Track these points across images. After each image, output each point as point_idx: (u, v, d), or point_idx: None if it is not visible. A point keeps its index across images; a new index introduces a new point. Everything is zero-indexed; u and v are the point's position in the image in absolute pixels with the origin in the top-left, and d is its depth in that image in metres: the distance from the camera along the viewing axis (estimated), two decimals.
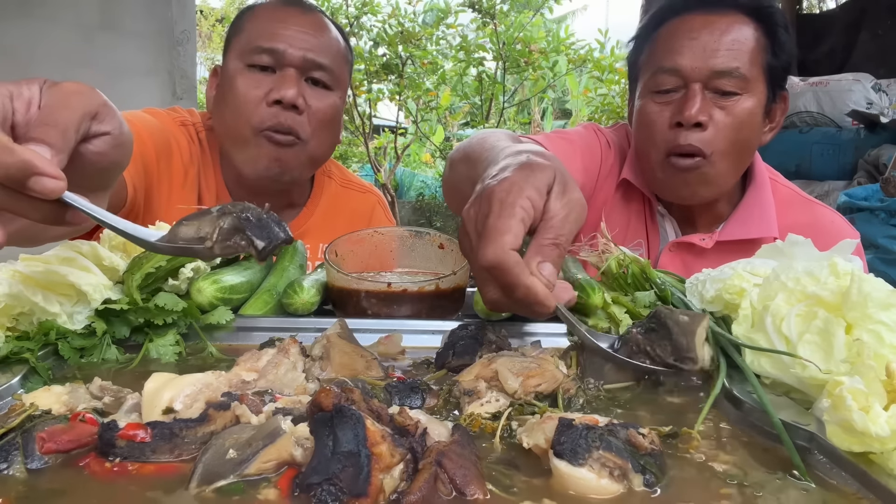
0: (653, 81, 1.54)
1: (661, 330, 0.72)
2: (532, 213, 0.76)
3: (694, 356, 0.68)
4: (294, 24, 1.56)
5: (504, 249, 0.73)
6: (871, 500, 0.59)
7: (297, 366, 0.85)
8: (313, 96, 1.56)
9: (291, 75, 1.53)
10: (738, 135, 1.49)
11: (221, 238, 0.70)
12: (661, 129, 1.51)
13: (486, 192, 0.79)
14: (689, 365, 0.68)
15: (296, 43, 1.54)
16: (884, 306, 0.73)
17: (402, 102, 8.33)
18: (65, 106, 0.70)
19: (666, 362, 0.70)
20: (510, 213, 0.75)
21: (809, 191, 4.66)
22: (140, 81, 4.30)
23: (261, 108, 1.51)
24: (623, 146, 1.75)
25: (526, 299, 0.73)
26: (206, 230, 0.70)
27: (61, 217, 0.70)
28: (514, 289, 0.73)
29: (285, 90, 1.50)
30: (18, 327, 0.92)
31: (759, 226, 1.59)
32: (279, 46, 1.53)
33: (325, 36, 1.60)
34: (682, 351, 0.68)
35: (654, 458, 0.61)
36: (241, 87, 1.52)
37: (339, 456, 0.54)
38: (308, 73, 1.56)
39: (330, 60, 1.58)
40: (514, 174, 0.79)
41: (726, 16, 1.50)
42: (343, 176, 1.91)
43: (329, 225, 1.77)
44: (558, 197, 0.78)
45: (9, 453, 0.60)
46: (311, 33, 1.57)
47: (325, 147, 1.65)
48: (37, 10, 3.84)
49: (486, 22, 7.69)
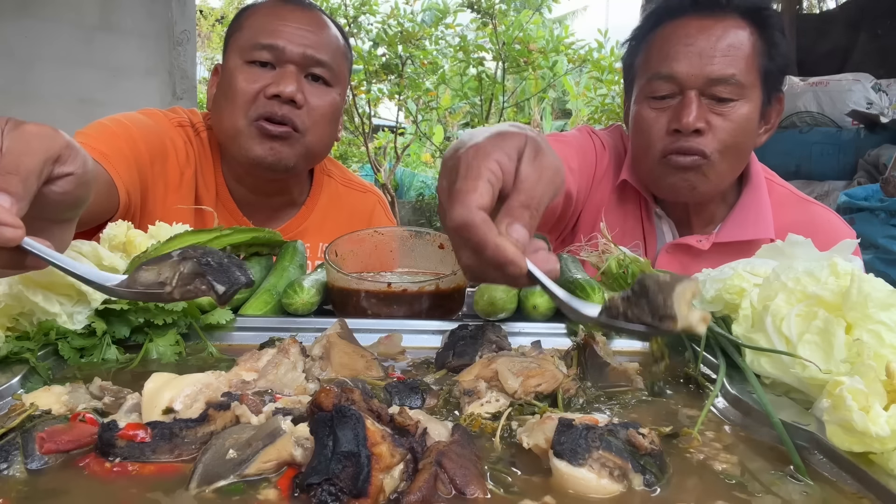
0: (649, 87, 1.53)
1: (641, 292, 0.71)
2: (500, 174, 0.75)
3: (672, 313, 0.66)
4: (294, 21, 1.57)
5: (469, 208, 0.71)
6: (871, 500, 0.59)
7: (297, 366, 0.85)
8: (313, 93, 1.57)
9: (291, 71, 1.54)
10: (735, 139, 1.49)
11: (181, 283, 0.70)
12: (658, 134, 1.51)
13: (455, 158, 0.79)
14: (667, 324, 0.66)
15: (295, 39, 1.55)
16: (884, 306, 0.73)
17: (402, 102, 8.33)
18: (26, 152, 0.69)
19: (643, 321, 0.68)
20: (476, 175, 0.73)
21: (809, 191, 4.67)
22: (140, 81, 4.30)
23: (258, 100, 1.52)
24: (618, 148, 1.75)
25: (495, 258, 0.70)
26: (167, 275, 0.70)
27: (20, 262, 0.70)
28: (483, 248, 0.70)
29: (284, 85, 1.50)
30: (18, 327, 0.92)
31: (755, 227, 1.59)
32: (279, 43, 1.53)
33: (324, 33, 1.61)
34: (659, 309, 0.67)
35: (654, 458, 0.61)
36: (240, 82, 1.53)
37: (339, 456, 0.54)
38: (308, 70, 1.57)
39: (329, 57, 1.59)
40: (484, 141, 0.78)
41: (722, 20, 1.49)
42: (343, 175, 1.91)
43: (328, 224, 1.77)
44: (530, 161, 0.76)
45: (9, 453, 0.60)
46: (310, 30, 1.58)
47: (323, 142, 1.65)
48: (37, 10, 3.84)
49: (486, 22, 7.69)
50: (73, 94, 3.98)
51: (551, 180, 0.77)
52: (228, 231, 1.17)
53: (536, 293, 1.11)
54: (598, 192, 1.70)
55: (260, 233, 1.25)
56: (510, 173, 0.76)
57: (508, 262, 0.70)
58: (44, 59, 3.85)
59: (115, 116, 1.56)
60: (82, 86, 4.01)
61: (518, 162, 0.76)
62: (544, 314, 1.11)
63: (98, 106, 4.00)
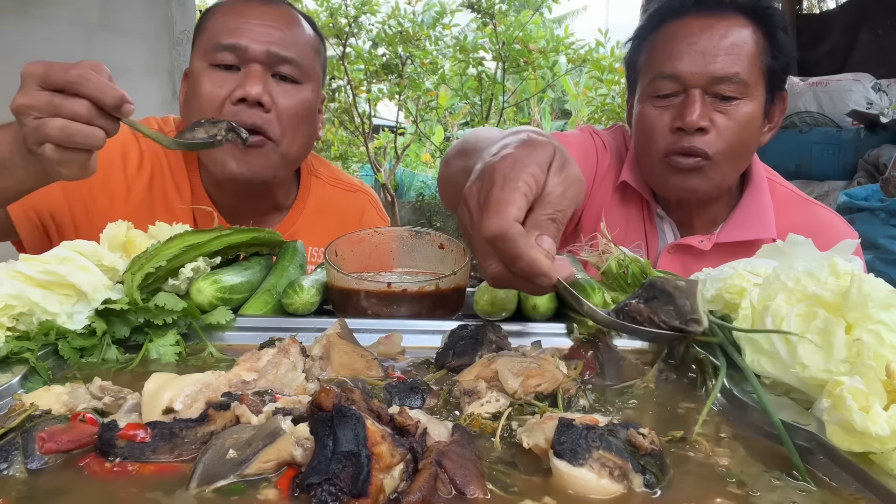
0: (652, 86, 1.53)
1: (661, 297, 0.72)
2: (534, 188, 0.76)
3: (698, 318, 0.68)
4: (256, 18, 1.50)
5: (508, 221, 0.73)
6: (871, 500, 0.59)
7: (297, 366, 0.85)
8: (281, 92, 1.50)
9: (256, 71, 1.47)
10: (739, 138, 1.49)
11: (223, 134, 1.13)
12: (661, 133, 1.51)
13: (489, 167, 0.79)
14: (693, 327, 0.68)
15: (258, 37, 1.47)
16: (884, 306, 0.73)
17: (402, 102, 8.33)
18: None
19: (672, 326, 0.69)
20: (514, 187, 0.75)
21: (809, 191, 4.66)
22: (140, 81, 4.29)
23: (225, 107, 1.45)
24: (619, 148, 1.75)
25: (529, 270, 0.72)
26: (213, 131, 1.14)
27: None
28: (517, 260, 0.72)
29: (249, 87, 1.44)
30: (18, 327, 0.92)
31: (757, 227, 1.59)
32: (241, 42, 1.46)
33: (290, 28, 1.53)
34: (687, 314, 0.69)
35: (654, 458, 0.61)
36: (205, 87, 1.47)
37: (339, 456, 0.54)
38: (274, 69, 1.49)
39: (297, 53, 1.52)
40: (517, 150, 0.79)
41: (725, 18, 1.49)
42: (331, 174, 1.85)
43: (319, 226, 1.72)
44: (557, 173, 0.78)
45: (9, 453, 0.60)
46: (274, 26, 1.50)
47: (299, 145, 1.58)
48: (37, 10, 3.84)
49: (486, 22, 7.69)
50: None
51: (576, 194, 0.79)
52: (228, 231, 1.17)
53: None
54: (600, 192, 1.70)
55: (260, 233, 1.25)
56: (541, 185, 0.77)
57: (542, 274, 0.73)
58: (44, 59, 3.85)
59: None
60: None
61: (547, 172, 0.78)
62: (544, 314, 1.11)
63: None
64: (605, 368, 0.91)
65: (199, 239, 1.10)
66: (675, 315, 0.70)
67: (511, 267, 0.74)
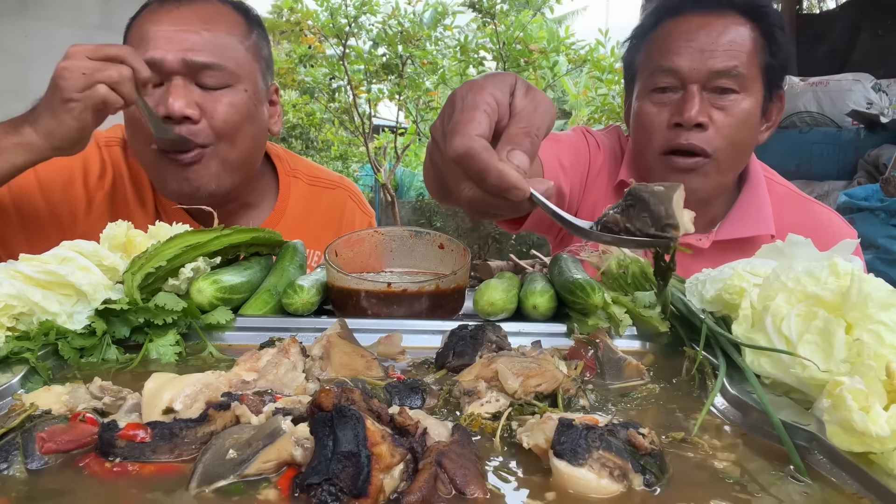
0: (651, 81, 1.54)
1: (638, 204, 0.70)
2: (496, 106, 0.77)
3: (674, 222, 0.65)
4: (169, 24, 1.39)
5: (470, 136, 0.72)
6: (871, 500, 0.59)
7: (297, 366, 0.85)
8: (210, 100, 1.41)
9: (177, 85, 1.37)
10: (738, 134, 1.49)
11: None
12: (659, 129, 1.52)
13: (449, 98, 0.81)
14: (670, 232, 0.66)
15: (174, 45, 1.38)
16: (884, 306, 0.73)
17: (402, 102, 8.33)
18: None
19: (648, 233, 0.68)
20: (473, 106, 0.75)
21: (809, 191, 4.65)
22: None
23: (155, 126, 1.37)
24: (614, 147, 1.75)
25: (499, 184, 0.71)
26: None
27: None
28: (486, 175, 0.71)
29: (171, 101, 1.35)
30: (18, 327, 0.92)
31: (755, 224, 1.59)
32: (156, 55, 1.37)
33: (209, 28, 1.41)
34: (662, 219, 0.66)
35: (654, 458, 0.61)
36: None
37: (339, 456, 0.54)
38: (196, 78, 1.40)
39: (219, 56, 1.41)
40: (475, 80, 0.81)
41: (723, 17, 1.50)
42: (310, 172, 1.79)
43: (302, 227, 1.67)
44: (523, 95, 0.79)
45: (9, 453, 0.60)
46: (189, 29, 1.39)
47: (241, 149, 1.48)
48: (37, 10, 3.84)
49: (487, 22, 7.70)
50: None
51: (547, 110, 0.79)
52: (229, 231, 1.17)
53: (536, 293, 1.11)
54: (594, 191, 1.71)
55: (260, 233, 1.25)
56: (505, 106, 0.78)
57: (512, 187, 0.71)
58: (44, 59, 3.84)
59: None
60: None
61: (511, 97, 0.79)
62: (544, 314, 1.11)
63: None
64: (605, 368, 0.91)
65: (199, 239, 1.10)
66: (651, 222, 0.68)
67: (482, 185, 0.73)
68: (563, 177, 1.59)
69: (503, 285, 1.13)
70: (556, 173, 1.56)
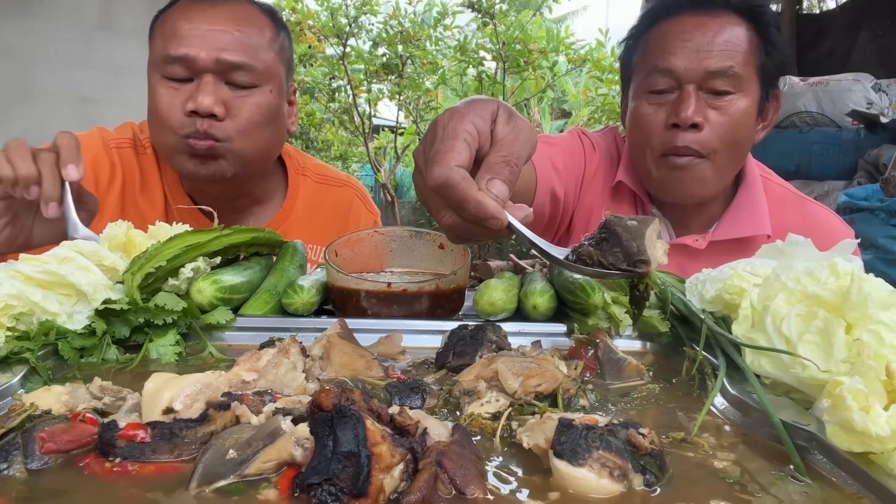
0: (647, 82, 1.54)
1: (611, 238, 0.72)
2: (476, 135, 0.78)
3: (646, 258, 0.68)
4: (204, 23, 1.44)
5: (449, 166, 0.74)
6: (871, 500, 0.59)
7: (297, 366, 0.85)
8: (236, 99, 1.46)
9: (208, 82, 1.43)
10: (734, 135, 1.49)
11: None
12: (656, 129, 1.52)
13: (431, 124, 0.82)
14: (641, 268, 0.68)
15: (207, 44, 1.42)
16: (884, 306, 0.73)
17: (402, 102, 8.33)
18: None
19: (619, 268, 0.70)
20: (453, 135, 0.76)
21: (809, 191, 4.66)
22: (140, 81, 4.27)
23: (180, 118, 1.44)
24: (610, 149, 1.75)
25: (477, 214, 0.73)
26: None
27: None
28: (465, 204, 0.73)
29: (201, 99, 1.41)
30: (18, 327, 0.92)
31: (751, 224, 1.59)
32: (190, 53, 1.42)
33: (242, 29, 1.46)
34: (633, 255, 0.68)
35: (654, 458, 0.61)
36: (160, 102, 1.45)
37: (339, 456, 0.54)
38: (227, 77, 1.45)
39: (250, 57, 1.46)
40: (458, 107, 0.82)
41: (718, 17, 1.50)
42: (318, 171, 1.85)
43: (309, 222, 1.73)
44: (505, 123, 0.80)
45: (9, 453, 0.60)
46: (222, 29, 1.44)
47: (258, 147, 1.54)
48: (37, 10, 3.84)
49: (486, 22, 7.70)
50: (73, 94, 3.98)
51: (528, 138, 0.80)
52: (229, 231, 1.17)
53: (536, 293, 1.11)
54: (590, 192, 1.70)
55: (260, 233, 1.25)
56: (486, 134, 0.79)
57: (489, 217, 0.73)
58: (44, 59, 3.85)
59: None
60: (82, 86, 4.02)
61: (493, 124, 0.80)
62: (544, 314, 1.11)
63: (98, 105, 4.00)
64: (605, 368, 0.91)
65: (199, 239, 1.10)
66: (623, 257, 0.70)
67: (461, 213, 0.75)
68: (557, 179, 1.59)
69: (503, 285, 1.13)
70: (550, 176, 1.56)
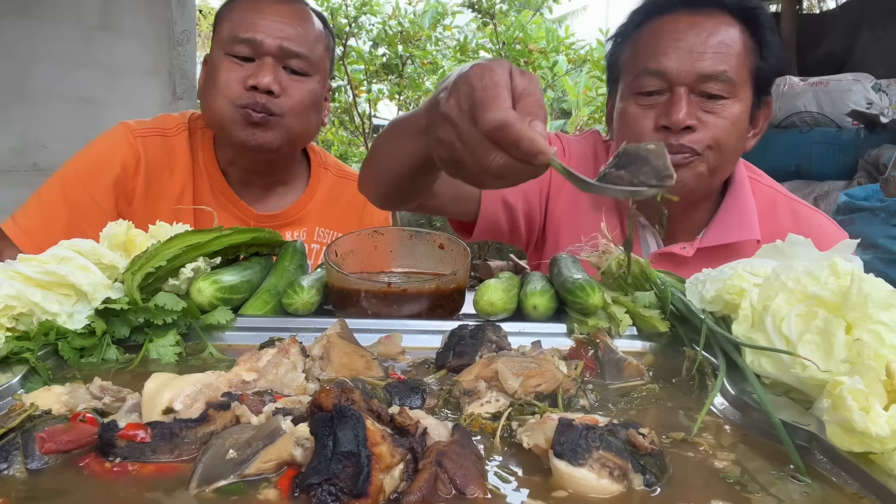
0: (636, 83, 1.48)
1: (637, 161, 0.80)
2: (510, 85, 0.83)
3: (671, 173, 0.77)
4: (272, 14, 1.65)
5: (504, 108, 0.79)
6: (871, 500, 0.59)
7: (297, 366, 0.85)
8: (290, 83, 1.66)
9: (269, 63, 1.62)
10: (727, 138, 1.43)
11: None
12: (646, 132, 1.46)
13: (461, 80, 0.85)
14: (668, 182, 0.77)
15: (273, 32, 1.63)
16: (884, 306, 0.73)
17: (402, 102, 8.33)
18: None
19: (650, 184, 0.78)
20: (493, 84, 0.82)
21: (809, 191, 4.66)
22: (140, 81, 4.29)
23: (239, 90, 1.62)
24: (586, 154, 1.68)
25: (530, 150, 0.78)
26: None
27: None
28: (520, 143, 0.78)
29: (261, 77, 1.60)
30: (18, 327, 0.92)
31: (739, 229, 1.54)
32: (257, 37, 1.62)
33: (302, 25, 1.68)
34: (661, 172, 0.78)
35: (654, 458, 0.61)
36: (222, 75, 1.63)
37: (339, 456, 0.54)
38: (285, 62, 1.65)
39: (307, 49, 1.67)
40: (480, 63, 0.87)
41: (712, 17, 1.44)
42: (338, 167, 2.02)
43: (327, 211, 1.91)
44: (520, 75, 0.85)
45: (9, 453, 0.60)
46: (287, 23, 1.65)
47: (303, 127, 1.73)
48: (37, 10, 3.84)
49: (486, 22, 7.70)
50: (74, 94, 3.98)
51: (540, 88, 0.87)
52: (229, 231, 1.17)
53: (536, 293, 1.11)
54: (561, 199, 1.65)
55: (260, 233, 1.25)
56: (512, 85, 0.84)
57: (540, 152, 0.79)
58: (44, 59, 3.85)
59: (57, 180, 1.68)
60: (82, 86, 4.01)
61: (511, 78, 0.85)
62: (544, 314, 1.11)
63: (98, 106, 4.00)
64: (605, 368, 0.91)
65: (199, 239, 1.10)
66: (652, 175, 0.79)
67: (514, 152, 0.80)
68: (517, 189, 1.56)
69: (503, 285, 1.13)
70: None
